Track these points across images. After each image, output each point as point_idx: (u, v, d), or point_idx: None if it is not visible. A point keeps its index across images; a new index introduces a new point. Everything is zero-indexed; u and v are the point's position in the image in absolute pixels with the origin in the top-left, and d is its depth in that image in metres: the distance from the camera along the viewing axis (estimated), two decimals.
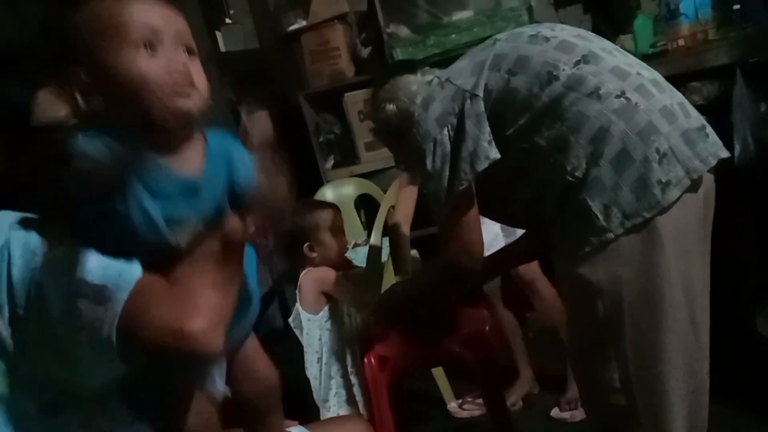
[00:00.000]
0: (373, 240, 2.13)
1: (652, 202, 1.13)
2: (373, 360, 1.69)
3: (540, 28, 1.33)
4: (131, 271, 0.78)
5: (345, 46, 2.97)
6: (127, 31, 0.80)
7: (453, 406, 2.36)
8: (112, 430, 0.87)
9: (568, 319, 1.33)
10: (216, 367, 1.00)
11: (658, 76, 1.25)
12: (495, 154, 1.25)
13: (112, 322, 0.75)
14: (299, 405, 1.79)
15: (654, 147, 1.14)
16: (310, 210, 1.89)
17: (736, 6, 2.26)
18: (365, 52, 3.02)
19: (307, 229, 1.85)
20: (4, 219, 0.84)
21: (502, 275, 2.22)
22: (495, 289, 2.28)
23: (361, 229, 2.83)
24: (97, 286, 0.76)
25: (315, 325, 1.87)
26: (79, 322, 0.75)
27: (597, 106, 1.18)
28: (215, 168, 0.89)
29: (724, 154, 1.19)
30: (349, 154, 3.07)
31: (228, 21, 3.41)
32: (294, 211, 0.95)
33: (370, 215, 2.78)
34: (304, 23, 3.01)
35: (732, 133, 1.92)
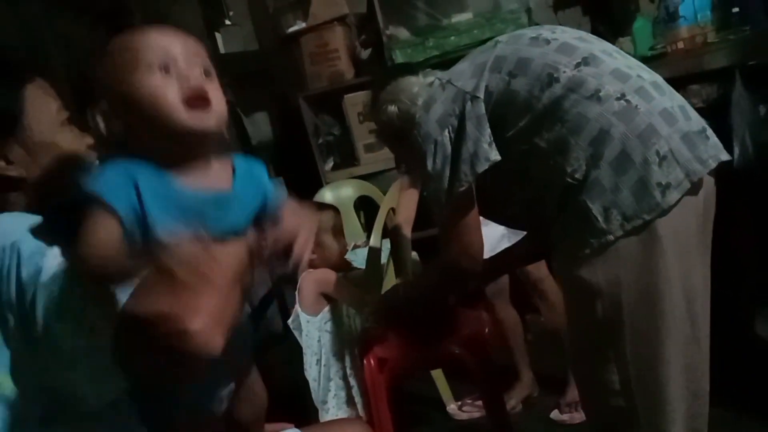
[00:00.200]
0: (372, 242, 2.13)
1: (652, 204, 1.13)
2: (372, 361, 1.68)
3: (541, 30, 1.33)
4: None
5: (344, 47, 2.98)
6: (143, 56, 0.84)
7: (452, 408, 2.35)
8: None
9: (568, 320, 1.33)
10: (225, 391, 1.02)
11: (658, 78, 1.26)
12: (495, 155, 1.26)
13: (112, 324, 0.75)
14: (298, 406, 1.79)
15: (654, 149, 1.14)
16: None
17: (735, 9, 2.27)
18: (365, 53, 3.02)
19: None
20: (16, 220, 0.85)
21: (510, 276, 2.22)
22: (503, 290, 2.27)
23: (360, 230, 2.83)
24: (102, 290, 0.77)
25: (314, 327, 1.87)
26: (80, 324, 0.75)
27: (597, 108, 1.18)
28: (244, 187, 0.92)
29: (725, 156, 1.19)
30: (348, 156, 3.07)
31: (227, 22, 3.41)
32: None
33: (369, 217, 2.78)
34: (304, 25, 3.01)
35: (731, 135, 1.92)
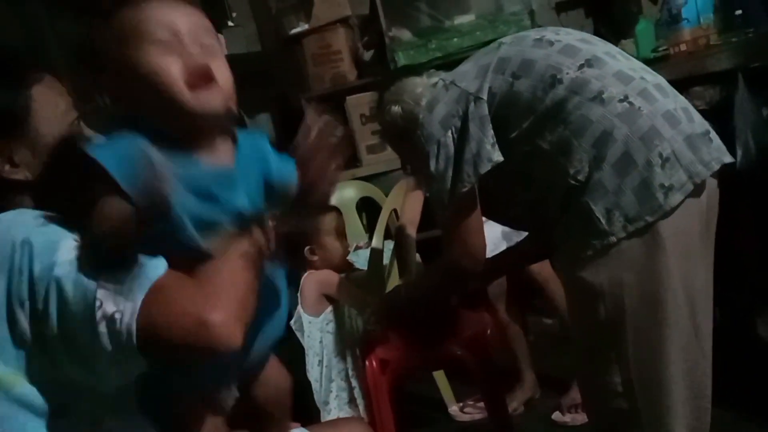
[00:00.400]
0: (374, 243, 2.13)
1: (655, 206, 1.13)
2: (374, 362, 1.69)
3: (545, 32, 1.33)
4: (155, 267, 0.79)
5: (347, 49, 2.98)
6: (147, 31, 0.82)
7: (454, 409, 2.35)
8: None
9: (570, 322, 1.33)
10: (233, 372, 1.00)
11: (662, 80, 1.26)
12: (498, 156, 1.26)
13: (132, 314, 0.75)
14: (300, 407, 1.79)
15: (657, 151, 1.14)
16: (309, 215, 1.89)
17: (738, 11, 2.26)
18: (367, 55, 3.02)
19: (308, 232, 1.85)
20: (26, 216, 0.84)
21: (508, 279, 2.22)
22: (501, 293, 2.28)
23: (362, 232, 2.83)
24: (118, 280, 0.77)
25: (316, 328, 1.88)
26: (97, 315, 0.75)
27: (600, 110, 1.18)
28: (247, 163, 0.90)
29: (728, 159, 1.19)
30: (350, 157, 3.07)
31: (230, 24, 3.41)
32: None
33: (371, 218, 2.78)
34: (306, 26, 3.01)
35: (734, 137, 1.92)
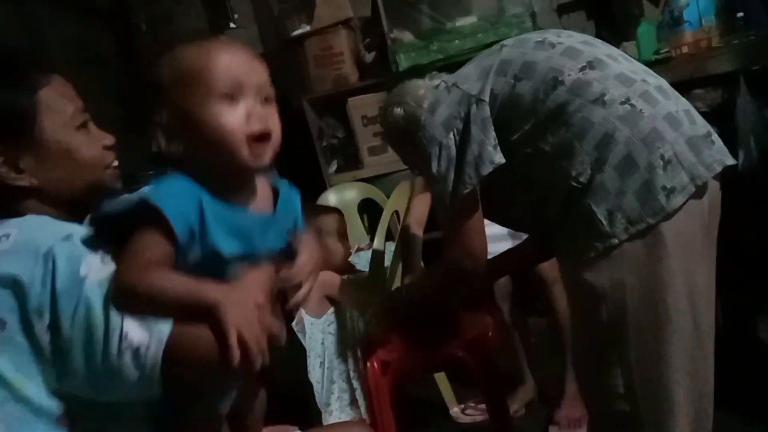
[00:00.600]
0: (376, 244, 2.13)
1: (657, 208, 1.13)
2: (375, 364, 1.69)
3: (546, 34, 1.33)
4: None
5: (349, 51, 2.98)
6: (213, 82, 0.82)
7: (455, 411, 2.35)
8: None
9: (572, 323, 1.33)
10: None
11: (663, 82, 1.26)
12: (500, 158, 1.26)
13: (158, 347, 0.76)
14: (301, 408, 1.80)
15: (659, 153, 1.14)
16: (313, 215, 1.89)
17: (740, 13, 2.26)
18: (369, 57, 3.02)
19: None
20: (50, 227, 0.85)
21: (514, 280, 2.21)
22: (507, 293, 2.27)
23: (364, 233, 2.83)
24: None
25: (318, 329, 1.87)
26: (124, 343, 0.76)
27: (602, 112, 1.18)
28: (284, 211, 0.94)
29: (730, 161, 1.19)
30: (352, 159, 3.07)
31: (232, 25, 3.42)
32: None
33: (373, 220, 2.78)
34: (308, 28, 3.01)
35: (735, 140, 1.92)
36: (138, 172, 0.98)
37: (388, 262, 2.13)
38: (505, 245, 1.83)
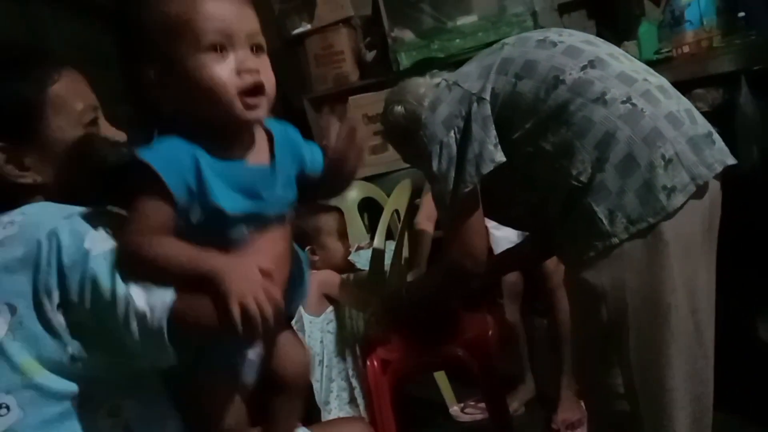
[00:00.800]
0: (376, 243, 2.13)
1: (657, 207, 1.13)
2: (375, 363, 1.69)
3: (548, 33, 1.33)
4: None
5: (349, 50, 2.98)
6: (200, 33, 0.79)
7: (455, 410, 2.35)
8: (139, 422, 0.87)
9: (572, 323, 1.33)
10: (255, 353, 0.99)
11: (665, 82, 1.26)
12: (500, 157, 1.26)
13: (162, 310, 0.76)
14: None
15: (659, 153, 1.14)
16: (313, 214, 1.89)
17: (741, 13, 2.27)
18: (370, 56, 3.02)
19: (309, 232, 1.86)
20: (51, 208, 0.85)
21: (525, 279, 2.21)
22: (519, 293, 2.26)
23: (364, 232, 2.82)
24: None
25: (317, 328, 1.87)
26: (130, 310, 0.76)
27: (603, 111, 1.18)
28: (284, 156, 0.91)
29: (731, 161, 1.19)
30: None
31: None
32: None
33: (373, 219, 2.78)
34: (309, 27, 3.02)
35: (736, 139, 1.92)
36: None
37: (388, 261, 2.13)
38: None
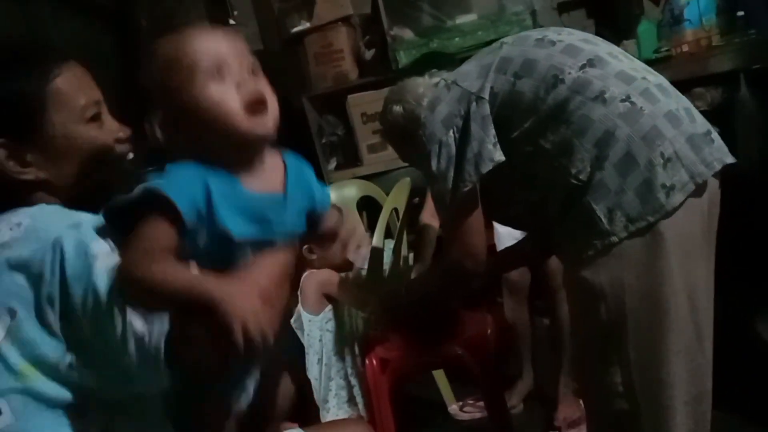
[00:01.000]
0: (375, 242, 2.13)
1: (657, 206, 1.13)
2: (374, 362, 1.69)
3: (547, 32, 1.33)
4: None
5: (349, 48, 2.98)
6: (197, 62, 0.83)
7: (454, 408, 2.35)
8: None
9: (572, 322, 1.33)
10: (251, 380, 1.01)
11: (664, 80, 1.25)
12: (499, 156, 1.26)
13: (159, 334, 0.76)
14: (299, 404, 1.79)
15: (659, 151, 1.14)
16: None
17: (740, 12, 2.26)
18: (369, 54, 3.02)
19: None
20: (60, 216, 0.85)
21: (532, 276, 2.21)
22: (523, 288, 2.25)
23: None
24: None
25: (316, 327, 1.87)
26: (128, 330, 0.76)
27: (602, 110, 1.18)
28: (295, 188, 0.92)
29: (730, 159, 1.19)
30: (351, 156, 3.07)
31: (232, 22, 3.41)
32: None
33: (372, 217, 2.77)
34: (308, 25, 3.01)
35: (735, 138, 1.92)
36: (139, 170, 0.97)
37: (387, 260, 2.13)
38: None
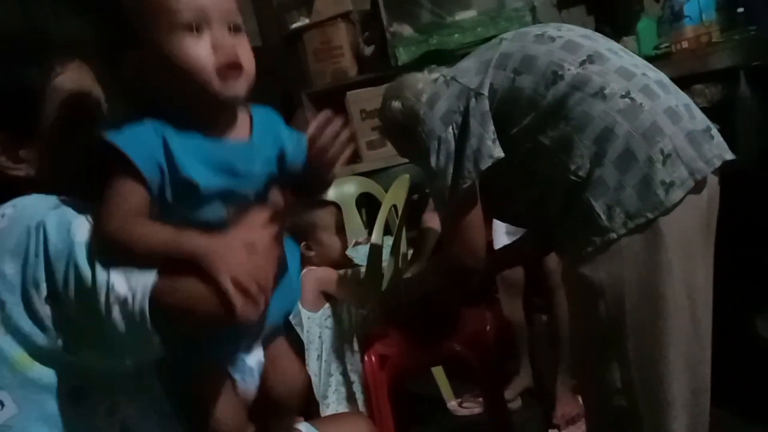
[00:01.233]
0: (374, 239, 2.12)
1: (656, 202, 1.13)
2: (373, 358, 1.69)
3: (546, 28, 1.33)
4: None
5: (348, 44, 2.98)
6: (175, 14, 0.79)
7: (452, 404, 2.35)
8: (137, 421, 0.87)
9: (570, 319, 1.33)
10: (254, 360, 0.99)
11: (664, 77, 1.25)
12: (499, 153, 1.25)
13: (143, 295, 0.75)
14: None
15: (658, 147, 1.14)
16: (310, 209, 1.89)
17: (740, 9, 2.26)
18: (368, 51, 3.01)
19: (304, 228, 1.86)
20: (41, 200, 0.84)
21: (527, 272, 2.21)
22: (518, 286, 2.25)
23: (362, 227, 2.82)
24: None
25: (315, 323, 1.87)
26: (111, 296, 0.75)
27: (602, 106, 1.18)
28: (262, 137, 0.90)
29: (729, 156, 1.19)
30: (350, 153, 3.07)
31: None
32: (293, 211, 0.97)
33: (371, 214, 2.77)
34: (308, 21, 3.01)
35: (735, 135, 1.92)
36: None
37: (386, 257, 2.13)
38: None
